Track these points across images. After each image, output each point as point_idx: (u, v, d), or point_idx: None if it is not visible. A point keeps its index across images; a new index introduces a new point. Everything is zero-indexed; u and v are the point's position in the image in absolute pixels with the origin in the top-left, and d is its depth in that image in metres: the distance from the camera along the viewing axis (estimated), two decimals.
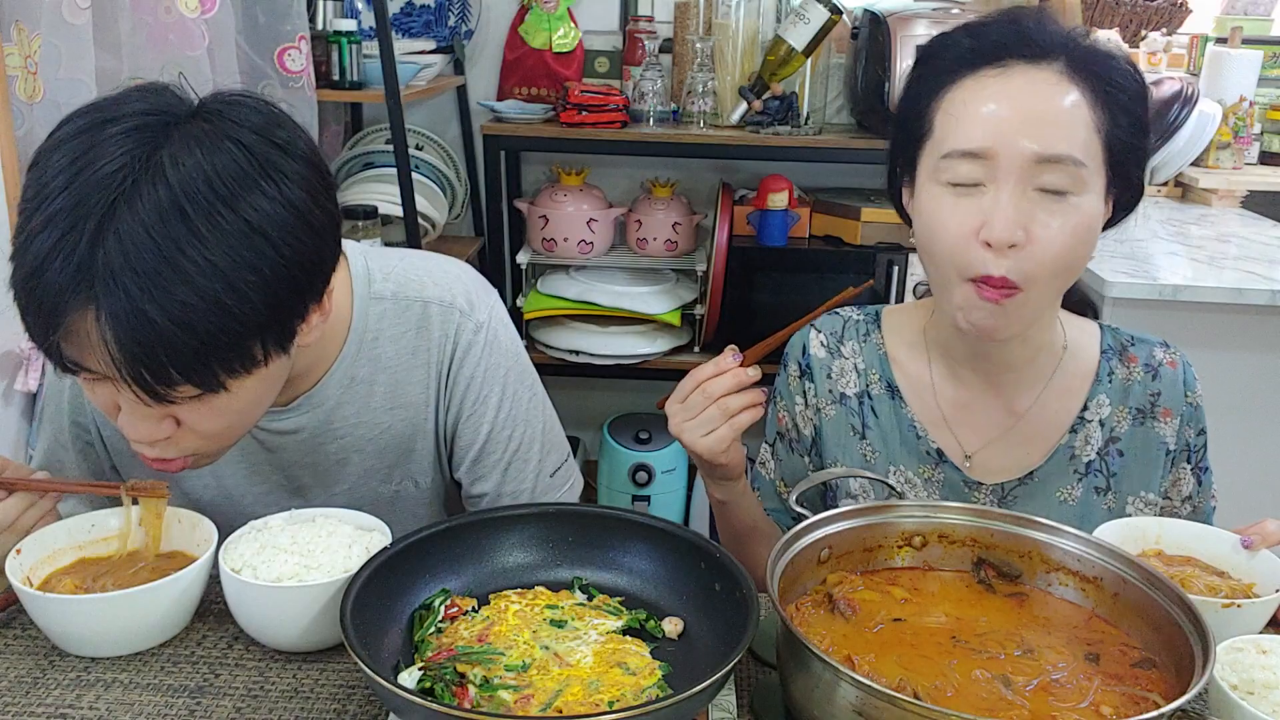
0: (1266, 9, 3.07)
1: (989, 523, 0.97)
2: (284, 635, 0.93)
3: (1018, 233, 0.98)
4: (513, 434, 1.20)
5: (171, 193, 0.81)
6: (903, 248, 2.48)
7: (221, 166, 0.83)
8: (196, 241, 0.81)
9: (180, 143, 0.83)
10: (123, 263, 0.80)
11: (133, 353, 0.82)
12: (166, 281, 0.81)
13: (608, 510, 1.01)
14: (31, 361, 1.71)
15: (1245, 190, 2.80)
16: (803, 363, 1.23)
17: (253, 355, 0.89)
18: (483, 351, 1.16)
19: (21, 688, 0.89)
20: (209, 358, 0.86)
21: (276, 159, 0.86)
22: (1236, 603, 0.93)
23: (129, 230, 0.80)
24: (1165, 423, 1.16)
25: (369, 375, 1.13)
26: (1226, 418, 1.30)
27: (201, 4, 1.73)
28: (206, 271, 0.82)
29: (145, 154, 0.82)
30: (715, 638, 0.90)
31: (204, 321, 0.83)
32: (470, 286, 1.19)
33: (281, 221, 0.86)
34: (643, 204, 2.65)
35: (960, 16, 2.33)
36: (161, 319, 0.81)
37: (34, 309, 0.84)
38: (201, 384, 0.87)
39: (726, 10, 2.52)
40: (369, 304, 1.13)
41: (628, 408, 2.90)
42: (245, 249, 0.84)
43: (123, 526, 1.02)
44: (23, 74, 1.58)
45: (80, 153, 0.82)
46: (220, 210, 0.82)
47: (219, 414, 0.92)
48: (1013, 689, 0.81)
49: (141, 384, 0.84)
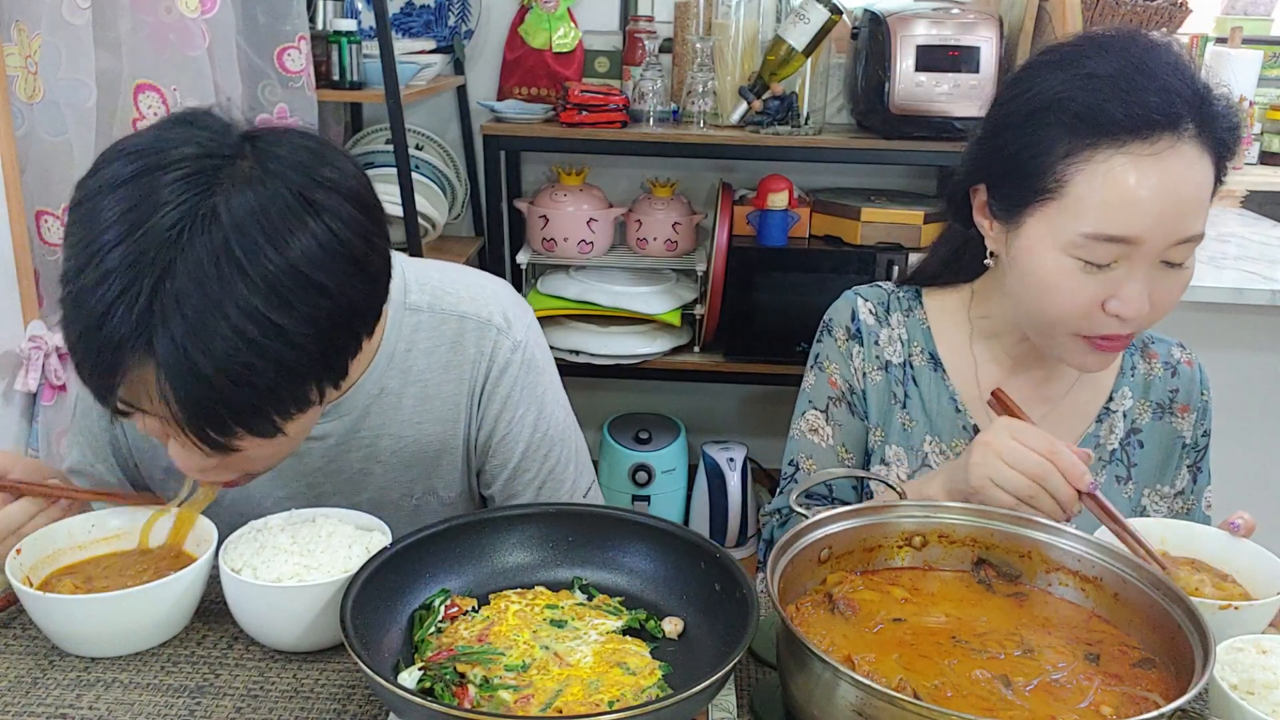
0: (1266, 9, 3.07)
1: (989, 523, 0.97)
2: (284, 635, 0.93)
3: (1147, 307, 1.02)
4: (549, 453, 1.19)
5: (227, 245, 0.80)
6: (903, 247, 2.48)
7: (272, 211, 0.82)
8: (249, 293, 0.80)
9: (231, 186, 0.82)
10: (180, 321, 0.80)
11: (193, 409, 0.83)
12: (224, 339, 0.80)
13: (608, 510, 1.01)
14: (31, 361, 1.71)
15: (1245, 190, 2.80)
16: (851, 327, 1.24)
17: (308, 398, 0.89)
18: (520, 370, 1.15)
19: (21, 688, 0.89)
20: (267, 409, 0.86)
21: (323, 198, 0.85)
22: (1234, 605, 0.93)
23: (185, 288, 0.79)
24: (1183, 418, 1.20)
25: (399, 387, 1.12)
26: (1227, 418, 1.30)
27: (201, 4, 1.73)
28: (262, 325, 0.81)
29: (198, 204, 0.81)
30: (715, 638, 0.90)
31: (263, 378, 0.83)
32: (507, 303, 1.17)
33: (335, 269, 0.85)
34: (643, 204, 2.65)
35: (960, 17, 2.34)
36: (219, 377, 0.81)
37: (91, 361, 0.83)
38: (260, 432, 0.87)
39: (726, 10, 2.52)
40: (404, 315, 1.12)
41: (628, 408, 2.90)
42: (299, 301, 0.83)
43: (124, 526, 1.02)
44: (23, 74, 1.58)
45: (134, 203, 0.81)
46: (272, 259, 0.81)
47: (273, 445, 0.92)
48: (1013, 689, 0.81)
49: (201, 436, 0.85)
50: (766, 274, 2.52)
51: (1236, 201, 2.81)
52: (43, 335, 1.71)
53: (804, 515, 0.94)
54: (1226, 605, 0.92)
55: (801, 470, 1.25)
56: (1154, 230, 1.00)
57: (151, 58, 1.71)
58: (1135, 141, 0.99)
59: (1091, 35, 1.08)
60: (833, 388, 1.24)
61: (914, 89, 2.31)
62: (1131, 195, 0.99)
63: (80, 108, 1.61)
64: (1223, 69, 2.80)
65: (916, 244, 2.48)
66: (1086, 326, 1.05)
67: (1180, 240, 1.01)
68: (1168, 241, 1.00)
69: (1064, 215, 1.02)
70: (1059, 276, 1.03)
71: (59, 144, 1.62)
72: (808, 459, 1.24)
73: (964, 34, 2.31)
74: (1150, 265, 1.02)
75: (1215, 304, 2.08)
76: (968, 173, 1.13)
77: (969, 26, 2.32)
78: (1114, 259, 1.01)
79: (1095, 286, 1.02)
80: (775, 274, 2.52)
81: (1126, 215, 0.99)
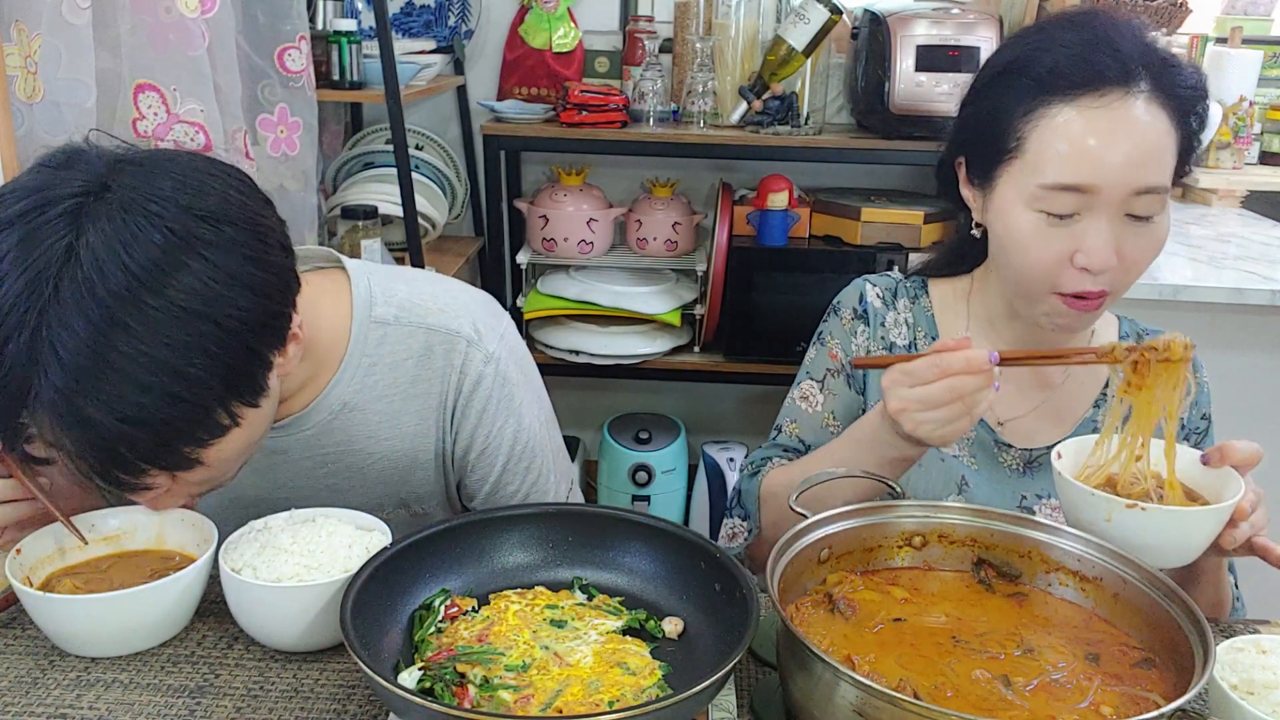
0: (1266, 9, 3.07)
1: (989, 523, 0.97)
2: (284, 635, 0.93)
3: (1113, 259, 1.05)
4: (530, 465, 1.17)
5: (94, 293, 0.77)
6: (903, 247, 2.48)
7: (141, 255, 0.79)
8: (130, 338, 0.78)
9: (97, 233, 0.79)
10: (59, 370, 0.77)
11: (93, 456, 0.80)
12: (109, 384, 0.78)
13: (608, 510, 1.01)
14: None
15: (1245, 190, 2.80)
16: (859, 309, 1.28)
17: (220, 424, 0.86)
18: (494, 384, 1.12)
19: (21, 688, 0.89)
20: (172, 443, 0.83)
21: (202, 231, 0.82)
22: (1140, 505, 0.91)
23: (60, 336, 0.77)
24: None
25: (363, 402, 1.10)
26: (1227, 417, 1.30)
27: (201, 4, 1.72)
28: (148, 366, 0.79)
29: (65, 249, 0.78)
30: (715, 638, 0.90)
31: (157, 415, 0.80)
32: (478, 314, 1.14)
33: (217, 296, 0.81)
34: (643, 204, 2.65)
35: (960, 17, 2.34)
36: (112, 422, 0.78)
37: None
38: (171, 466, 0.85)
39: (726, 10, 2.52)
40: (368, 328, 1.09)
41: (628, 408, 2.90)
42: (183, 333, 0.80)
43: (124, 526, 1.02)
44: (23, 74, 1.57)
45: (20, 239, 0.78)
46: (147, 300, 0.78)
47: (207, 468, 0.90)
48: (1013, 689, 0.81)
49: (112, 480, 0.83)
50: (766, 274, 2.52)
51: (1236, 201, 2.81)
52: None
53: (804, 515, 0.94)
54: (1133, 504, 0.91)
55: (784, 433, 1.29)
56: (1107, 178, 1.03)
57: (151, 58, 1.71)
58: (1086, 95, 1.05)
59: (1060, 11, 1.16)
60: (832, 360, 1.28)
61: (914, 89, 2.31)
62: (1081, 144, 1.04)
63: (80, 108, 1.61)
64: (1223, 69, 2.80)
65: (916, 244, 2.48)
66: (1058, 282, 1.08)
67: (1137, 190, 1.04)
68: (1124, 190, 1.04)
69: (1026, 171, 1.08)
70: (1027, 232, 1.08)
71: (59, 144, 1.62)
72: (792, 423, 1.28)
73: (964, 34, 2.31)
74: (1113, 217, 1.05)
75: (1215, 304, 2.08)
76: (949, 146, 1.20)
77: (969, 26, 2.32)
78: (1075, 210, 1.05)
79: (1062, 240, 1.06)
80: (775, 274, 2.52)
81: (1078, 164, 1.04)
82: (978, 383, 0.96)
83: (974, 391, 0.96)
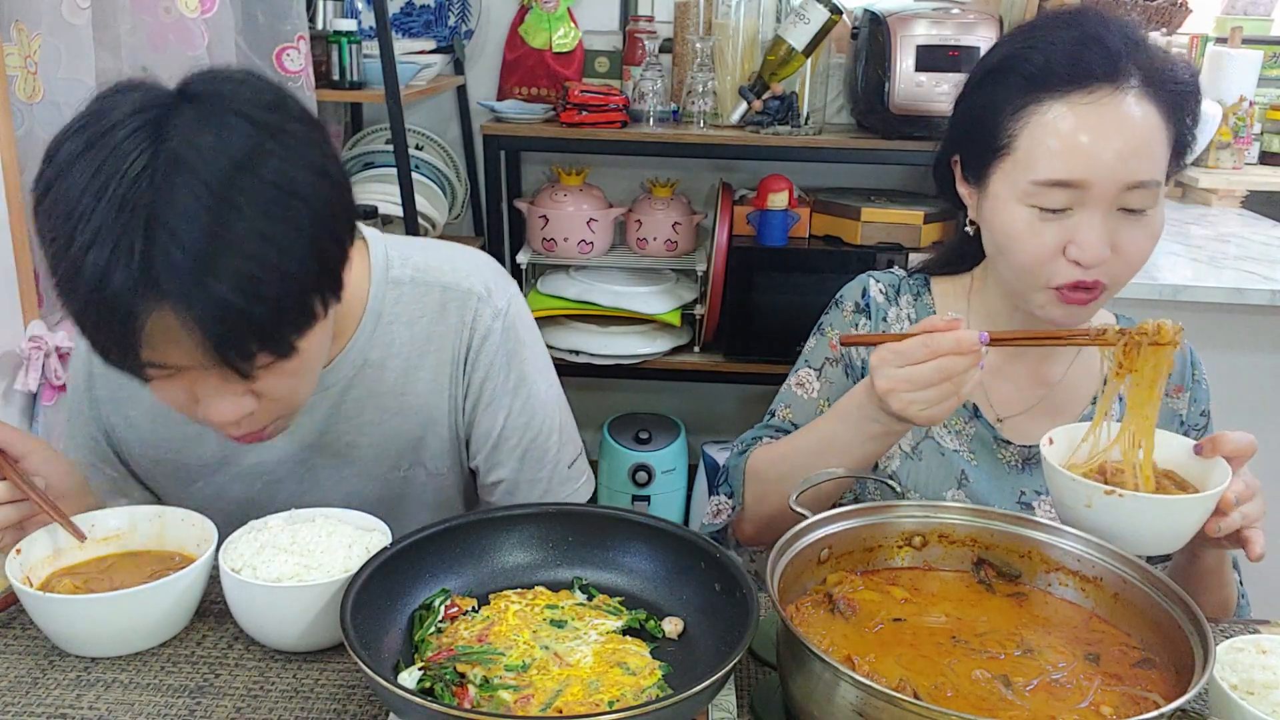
0: (1266, 9, 3.06)
1: (989, 523, 0.97)
2: (284, 635, 0.93)
3: (1105, 251, 1.05)
4: (530, 421, 1.20)
5: (199, 177, 0.82)
6: (903, 247, 2.48)
7: (234, 141, 0.85)
8: (240, 217, 0.83)
9: (186, 130, 0.84)
10: (181, 254, 0.81)
11: (216, 334, 0.85)
12: (226, 260, 0.83)
13: (608, 510, 1.01)
14: (31, 361, 1.71)
15: (1245, 190, 2.80)
16: (862, 303, 1.29)
17: (314, 310, 0.92)
18: (501, 338, 1.17)
19: (21, 688, 0.89)
20: (281, 322, 0.89)
21: (283, 124, 0.88)
22: (1118, 492, 0.92)
23: (175, 223, 0.81)
24: (1178, 398, 1.23)
25: (381, 359, 1.14)
26: (1227, 417, 1.30)
27: (201, 4, 1.73)
28: (258, 241, 0.84)
29: (158, 149, 0.83)
30: (715, 638, 0.90)
31: (270, 288, 0.86)
32: (489, 275, 1.20)
33: (305, 181, 0.88)
34: (643, 204, 2.65)
35: (960, 17, 2.33)
36: (234, 295, 0.83)
37: (107, 323, 0.84)
38: (277, 351, 0.90)
39: (726, 10, 2.52)
40: (386, 288, 1.14)
41: (628, 408, 2.89)
42: (283, 211, 0.86)
43: (124, 526, 1.02)
44: (23, 74, 1.58)
45: (97, 166, 0.83)
46: (248, 182, 0.84)
47: (292, 376, 0.95)
48: (1013, 689, 0.81)
49: (228, 362, 0.87)
50: (766, 274, 2.52)
51: (1236, 201, 2.81)
52: (43, 335, 1.71)
53: (804, 515, 0.94)
54: (1111, 491, 0.92)
55: (777, 416, 1.30)
56: (1098, 172, 1.04)
57: (151, 58, 1.71)
58: (1075, 92, 1.05)
59: (1053, 10, 1.16)
60: (831, 350, 1.28)
61: (914, 89, 2.31)
62: (1071, 140, 1.05)
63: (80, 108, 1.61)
64: (1223, 69, 2.80)
65: (916, 244, 2.48)
66: (1051, 276, 1.08)
67: (1129, 185, 1.04)
68: (1115, 185, 1.04)
69: (1018, 168, 1.08)
70: (1020, 227, 1.08)
71: None
72: (786, 407, 1.29)
73: (964, 34, 2.31)
74: (1106, 211, 1.05)
75: (1215, 304, 2.08)
76: (944, 145, 1.21)
77: (969, 26, 2.32)
78: (1067, 205, 1.06)
79: (1054, 233, 1.07)
80: (775, 274, 2.52)
81: (1068, 159, 1.05)
82: (967, 363, 0.97)
83: (963, 372, 0.97)
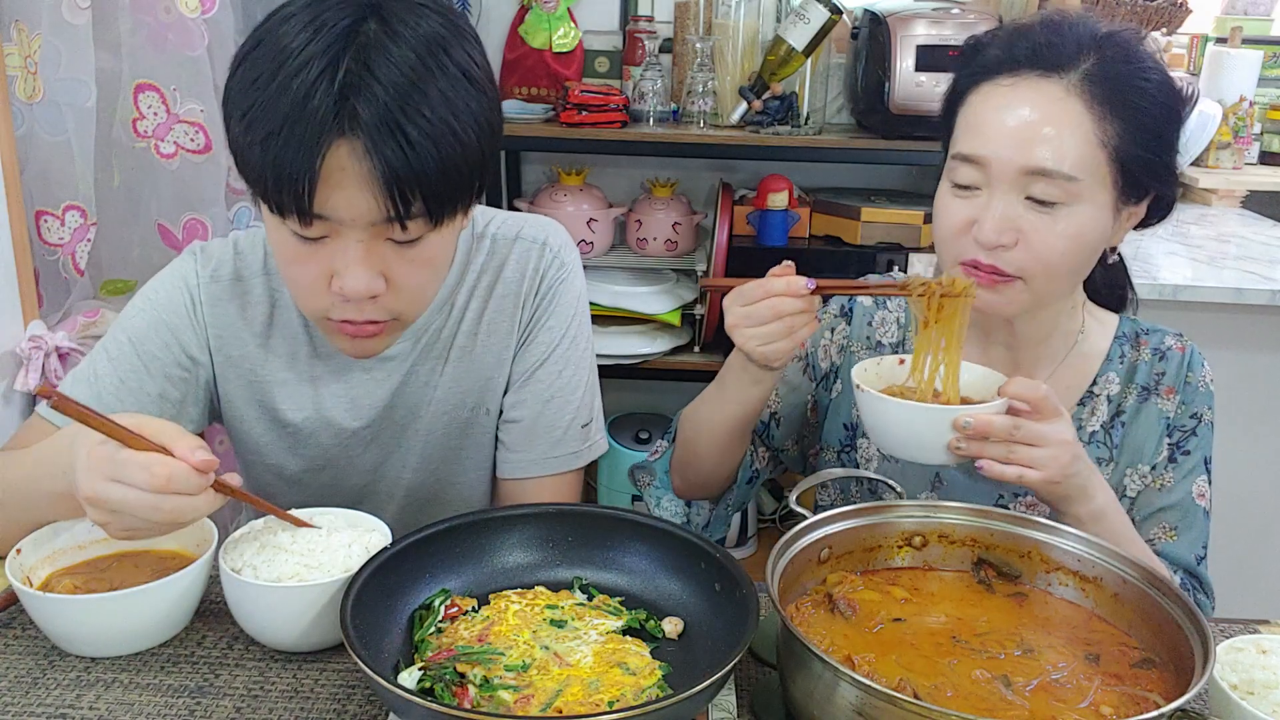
0: (1266, 9, 3.07)
1: (989, 523, 0.97)
2: (284, 635, 0.93)
3: (1004, 236, 1.07)
4: (563, 370, 1.25)
5: (405, 40, 0.92)
6: (903, 247, 2.48)
7: (433, 25, 0.96)
8: (432, 80, 0.93)
9: (392, 8, 0.94)
10: (381, 90, 0.90)
11: (390, 171, 0.91)
12: (417, 108, 0.91)
13: (608, 510, 1.01)
14: (31, 361, 1.71)
15: (1245, 190, 2.80)
16: (846, 306, 1.31)
17: (469, 194, 1.00)
18: (559, 286, 1.25)
19: (21, 688, 0.89)
20: (445, 184, 0.95)
21: (462, 24, 0.99)
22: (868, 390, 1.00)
23: (379, 67, 0.91)
24: (1167, 399, 1.21)
25: (463, 303, 1.22)
26: (1227, 417, 1.31)
27: (201, 4, 1.73)
28: (444, 106, 0.93)
29: (368, 14, 0.93)
30: (715, 638, 0.90)
31: (446, 146, 0.93)
32: (562, 237, 1.29)
33: (480, 74, 0.98)
34: (643, 204, 2.65)
35: (959, 16, 2.34)
36: (418, 138, 0.91)
37: (294, 148, 0.90)
38: (432, 213, 0.96)
39: (726, 10, 2.52)
40: (469, 241, 1.23)
41: (628, 408, 2.89)
42: (464, 92, 0.95)
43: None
44: (23, 74, 1.57)
45: (310, 19, 0.92)
46: (441, 59, 0.94)
47: (423, 267, 1.03)
48: (1013, 689, 0.81)
49: (390, 206, 0.93)
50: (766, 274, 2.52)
51: (1236, 201, 2.81)
52: (43, 335, 1.71)
53: (804, 515, 0.94)
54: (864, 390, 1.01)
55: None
56: (997, 152, 1.06)
57: (151, 58, 1.71)
58: (1002, 75, 1.09)
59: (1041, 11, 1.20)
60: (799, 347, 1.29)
61: (914, 89, 2.31)
62: (981, 118, 1.09)
63: (80, 108, 1.61)
64: (1222, 69, 2.80)
65: (916, 244, 2.48)
66: (958, 253, 1.11)
67: (1025, 169, 1.05)
68: (1013, 167, 1.05)
69: (950, 147, 1.13)
70: (942, 202, 1.13)
71: (59, 144, 1.62)
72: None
73: (964, 34, 2.27)
74: (1009, 195, 1.07)
75: (1215, 304, 2.08)
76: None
77: (969, 26, 2.32)
78: (973, 182, 1.09)
79: (963, 209, 1.10)
80: None
81: (974, 136, 1.09)
82: (797, 305, 1.04)
83: (793, 313, 1.04)
